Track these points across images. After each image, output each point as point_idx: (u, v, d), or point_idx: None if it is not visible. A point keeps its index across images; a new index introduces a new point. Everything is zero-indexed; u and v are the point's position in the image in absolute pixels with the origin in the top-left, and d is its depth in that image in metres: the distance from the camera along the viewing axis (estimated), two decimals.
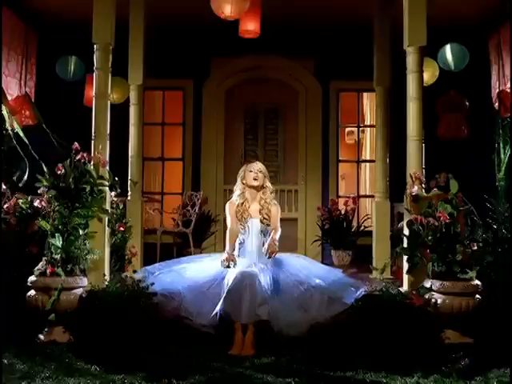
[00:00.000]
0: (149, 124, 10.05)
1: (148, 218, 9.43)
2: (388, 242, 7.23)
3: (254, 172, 5.86)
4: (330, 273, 5.92)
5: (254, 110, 10.34)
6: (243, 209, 5.86)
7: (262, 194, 5.91)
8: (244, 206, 5.87)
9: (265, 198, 5.89)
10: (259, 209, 5.86)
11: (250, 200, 5.91)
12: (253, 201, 5.91)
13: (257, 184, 5.87)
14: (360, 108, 10.50)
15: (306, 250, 9.87)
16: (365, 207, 10.43)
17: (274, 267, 5.71)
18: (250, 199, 5.91)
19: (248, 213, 5.86)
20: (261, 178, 5.88)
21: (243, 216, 5.85)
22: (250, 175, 5.87)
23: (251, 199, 5.91)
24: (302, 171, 10.21)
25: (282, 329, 5.24)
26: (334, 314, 5.41)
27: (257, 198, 5.90)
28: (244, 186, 5.92)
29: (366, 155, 10.57)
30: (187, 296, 5.49)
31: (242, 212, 5.85)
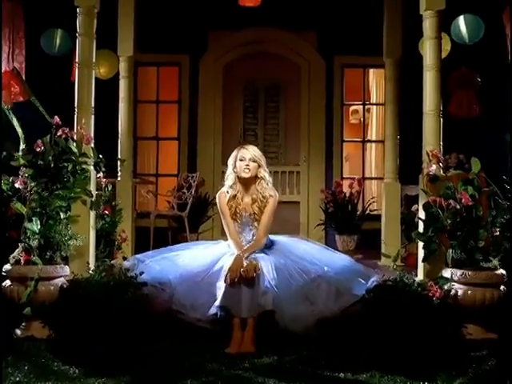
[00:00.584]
0: (142, 102, 9.80)
1: (142, 201, 8.95)
2: (398, 226, 6.76)
3: (245, 161, 5.06)
4: (337, 260, 5.37)
5: (253, 86, 9.86)
6: (236, 203, 5.15)
7: (256, 185, 5.14)
8: (237, 200, 5.15)
9: (260, 192, 5.13)
10: (251, 203, 5.16)
11: (243, 192, 5.17)
12: (246, 193, 5.18)
13: (248, 176, 5.09)
14: (366, 85, 9.98)
15: (308, 234, 9.47)
16: (370, 190, 9.99)
17: (275, 254, 5.16)
18: (243, 191, 5.18)
19: (241, 207, 5.16)
20: (253, 168, 5.07)
21: (236, 212, 5.17)
22: (241, 165, 5.07)
23: (244, 191, 5.17)
24: (305, 151, 9.74)
25: (285, 324, 4.70)
26: (342, 306, 4.88)
27: (250, 190, 5.17)
28: (236, 175, 5.18)
29: (372, 135, 10.07)
30: (180, 286, 4.95)
31: (236, 207, 5.17)
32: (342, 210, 8.94)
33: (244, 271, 4.71)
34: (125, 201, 6.73)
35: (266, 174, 5.17)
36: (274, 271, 4.91)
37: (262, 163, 5.13)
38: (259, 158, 5.13)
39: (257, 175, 5.12)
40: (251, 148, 5.18)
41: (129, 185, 6.87)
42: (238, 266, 4.76)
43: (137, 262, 5.34)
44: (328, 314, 4.82)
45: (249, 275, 4.71)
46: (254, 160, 5.09)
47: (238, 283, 4.71)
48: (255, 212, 5.13)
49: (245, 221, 5.16)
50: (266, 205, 5.12)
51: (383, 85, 9.41)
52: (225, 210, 5.17)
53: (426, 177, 5.14)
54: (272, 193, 5.17)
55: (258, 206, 5.13)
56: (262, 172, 5.14)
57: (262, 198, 5.11)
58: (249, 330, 4.61)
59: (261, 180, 5.14)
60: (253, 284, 4.71)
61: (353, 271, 5.23)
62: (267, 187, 5.15)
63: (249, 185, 5.14)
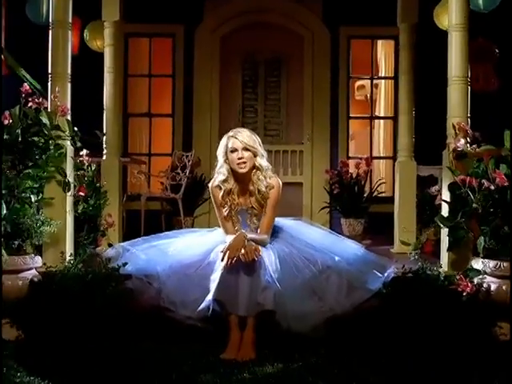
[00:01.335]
0: (134, 76, 9.22)
1: (135, 183, 8.32)
2: (414, 209, 6.15)
3: (238, 153, 4.32)
4: (348, 248, 4.71)
5: (253, 59, 9.16)
6: (231, 199, 4.45)
7: (254, 176, 4.41)
8: (232, 196, 4.45)
9: (257, 184, 4.41)
10: (248, 196, 4.46)
11: (239, 185, 4.45)
12: (242, 186, 4.46)
13: (245, 171, 4.35)
14: (374, 57, 9.29)
15: (311, 217, 8.73)
16: (378, 170, 9.34)
17: (277, 241, 4.52)
18: (239, 184, 4.45)
19: (237, 202, 4.45)
20: (249, 159, 4.33)
21: (231, 209, 4.46)
22: (234, 159, 4.33)
23: (240, 183, 4.45)
24: (308, 129, 9.09)
25: (290, 324, 4.06)
26: (356, 303, 4.22)
27: (247, 181, 4.44)
28: (228, 167, 4.42)
29: (380, 111, 9.39)
30: (169, 280, 4.29)
31: (231, 204, 4.45)
32: (349, 192, 8.31)
33: (244, 254, 4.07)
34: (111, 182, 6.09)
35: (263, 162, 4.42)
36: (277, 262, 4.27)
37: (257, 150, 4.38)
38: (252, 144, 4.36)
39: (254, 164, 4.41)
40: (240, 135, 4.37)
41: (115, 164, 6.21)
42: (239, 245, 4.11)
43: (122, 250, 4.70)
44: (339, 312, 4.17)
45: (249, 258, 4.06)
46: (248, 149, 4.35)
47: (235, 270, 4.08)
48: (254, 206, 4.45)
49: (242, 218, 4.49)
50: (266, 197, 4.43)
51: (393, 57, 9.01)
52: (219, 204, 4.49)
53: (452, 153, 4.48)
54: (273, 182, 4.45)
55: (257, 199, 4.44)
56: (258, 160, 4.39)
57: (260, 191, 4.41)
58: (248, 331, 3.96)
59: (257, 170, 4.41)
60: (252, 273, 4.07)
61: (367, 261, 4.57)
62: (265, 177, 4.43)
63: (245, 176, 4.42)
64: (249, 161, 4.34)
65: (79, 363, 3.62)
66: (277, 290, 4.07)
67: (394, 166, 8.87)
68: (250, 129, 4.54)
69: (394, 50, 9.01)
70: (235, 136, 4.37)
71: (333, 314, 4.16)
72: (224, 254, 4.11)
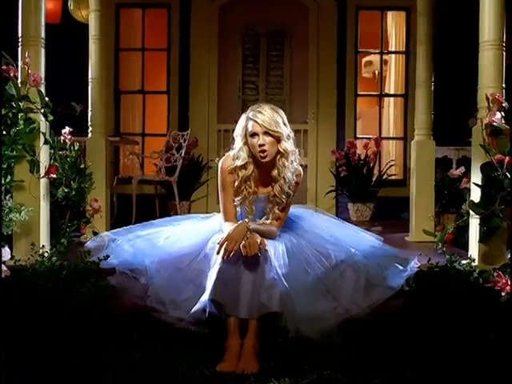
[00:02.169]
0: (126, 50, 8.65)
1: (129, 165, 7.75)
2: (433, 194, 5.60)
3: (259, 139, 3.64)
4: (364, 240, 4.12)
5: (254, 32, 8.55)
6: (248, 187, 3.79)
7: (279, 162, 3.72)
8: (248, 184, 3.78)
9: (285, 171, 3.73)
10: (270, 183, 3.80)
11: (259, 171, 3.79)
12: (264, 172, 3.79)
13: (267, 160, 3.68)
14: (384, 31, 8.67)
15: (316, 202, 8.33)
16: (388, 151, 8.77)
17: (285, 231, 3.91)
18: (259, 169, 3.78)
19: (254, 191, 3.80)
20: (271, 146, 3.64)
21: (246, 198, 3.80)
22: (254, 145, 3.67)
23: (261, 169, 3.78)
24: (313, 107, 8.51)
25: (299, 327, 3.46)
26: (375, 303, 3.63)
27: (270, 166, 3.75)
28: (248, 149, 3.74)
29: (390, 88, 8.77)
30: (158, 275, 3.70)
31: (246, 192, 3.79)
32: (356, 175, 7.80)
33: (245, 247, 3.46)
34: (97, 163, 5.51)
35: (289, 146, 3.72)
36: (284, 255, 3.68)
37: (281, 134, 3.69)
38: (275, 127, 3.66)
39: (278, 150, 3.73)
40: (261, 116, 3.66)
41: (101, 143, 5.61)
42: (239, 236, 3.50)
43: (104, 241, 4.11)
44: (356, 314, 3.58)
45: (251, 252, 3.45)
46: (270, 133, 3.68)
47: (235, 265, 3.48)
48: (277, 194, 3.79)
49: (258, 207, 3.85)
50: (292, 185, 3.80)
51: (404, 30, 8.45)
52: (226, 186, 3.82)
53: (485, 129, 3.88)
54: (299, 169, 3.85)
55: (282, 188, 3.77)
56: (282, 145, 3.70)
57: (287, 179, 3.76)
58: (250, 337, 3.35)
59: (282, 155, 3.73)
60: (255, 268, 3.47)
61: (386, 255, 3.99)
62: (293, 161, 3.77)
63: (267, 161, 3.74)
64: (271, 147, 3.67)
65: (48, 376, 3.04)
66: (284, 289, 3.47)
67: (405, 147, 8.49)
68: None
69: (405, 22, 8.45)
70: (255, 118, 3.68)
71: (349, 316, 3.57)
72: (220, 246, 3.50)
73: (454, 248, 4.37)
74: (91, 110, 5.65)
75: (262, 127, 3.64)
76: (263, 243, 3.51)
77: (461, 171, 5.23)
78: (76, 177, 5.16)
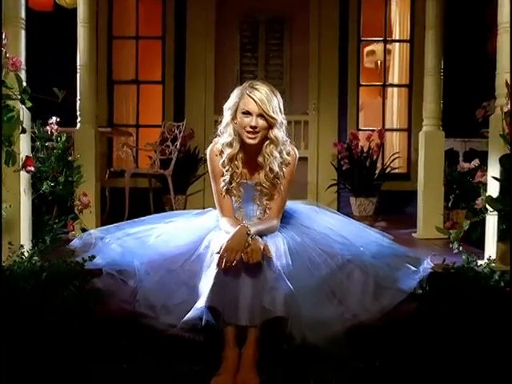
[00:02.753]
0: (119, 38, 8.33)
1: (125, 158, 7.44)
2: (442, 188, 5.30)
3: (251, 119, 3.34)
4: (372, 238, 3.80)
5: (253, 19, 8.26)
6: (234, 167, 3.51)
7: (267, 149, 3.43)
8: (235, 163, 3.50)
9: (271, 161, 3.43)
10: (257, 169, 3.53)
11: (246, 152, 3.49)
12: (249, 155, 3.50)
13: (253, 143, 3.40)
14: (387, 18, 8.34)
15: (317, 196, 8.09)
16: (391, 144, 8.45)
17: (287, 229, 3.59)
18: (246, 150, 3.49)
19: (241, 173, 3.53)
20: (262, 128, 3.35)
21: (233, 179, 3.52)
22: (244, 122, 3.36)
23: (248, 150, 3.48)
24: (314, 98, 8.20)
25: (303, 334, 3.13)
26: (386, 307, 3.31)
27: (256, 149, 3.46)
28: (235, 128, 3.45)
29: (394, 78, 8.45)
30: (148, 277, 3.38)
31: (232, 174, 3.51)
32: (359, 168, 7.61)
33: (247, 253, 3.14)
34: (86, 155, 5.20)
35: (280, 134, 3.42)
36: (287, 254, 3.36)
37: (275, 120, 3.38)
38: (272, 111, 3.35)
39: (266, 135, 3.43)
40: (259, 94, 3.34)
41: (91, 134, 5.29)
42: (240, 244, 3.16)
43: (93, 239, 3.80)
44: (364, 319, 3.26)
45: (253, 259, 3.14)
46: (264, 117, 3.36)
47: (235, 271, 3.16)
48: (263, 184, 3.51)
49: (246, 194, 3.56)
50: (278, 177, 3.49)
51: (408, 17, 8.12)
52: (218, 173, 3.53)
53: (506, 117, 3.57)
54: (289, 157, 3.53)
55: (268, 177, 3.48)
56: (273, 132, 3.39)
57: (273, 170, 3.46)
58: (249, 347, 3.04)
59: (270, 143, 3.43)
60: (256, 269, 3.16)
61: (396, 254, 3.67)
62: (281, 152, 3.48)
63: (253, 145, 3.44)
64: (261, 131, 3.39)
65: None
66: (288, 291, 3.16)
67: (409, 139, 8.18)
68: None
69: (410, 8, 8.15)
70: (252, 95, 3.36)
71: (357, 321, 3.25)
72: (220, 259, 3.15)
73: (468, 246, 4.08)
74: (80, 98, 5.33)
75: (259, 108, 3.35)
76: (267, 249, 3.19)
77: (475, 164, 4.92)
78: (63, 170, 4.88)
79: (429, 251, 3.93)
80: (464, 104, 6.96)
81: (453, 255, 3.79)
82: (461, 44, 7.38)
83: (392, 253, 3.66)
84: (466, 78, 7.31)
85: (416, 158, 7.83)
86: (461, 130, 6.64)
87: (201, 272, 3.31)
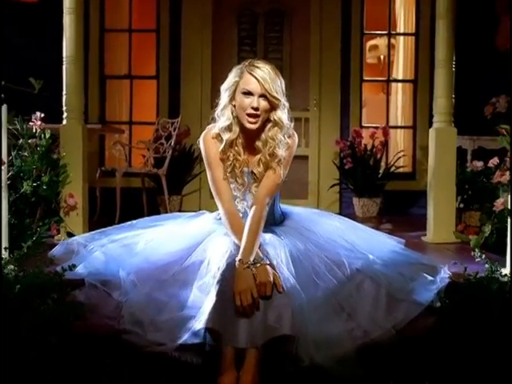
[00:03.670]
0: (111, 31, 7.97)
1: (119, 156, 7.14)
2: (454, 188, 4.98)
3: (253, 100, 3.06)
4: (383, 244, 3.47)
5: (251, 11, 7.94)
6: (235, 153, 3.19)
7: (269, 133, 3.14)
8: (236, 149, 3.19)
9: (275, 145, 3.13)
10: (254, 156, 3.22)
11: (246, 136, 3.20)
12: (248, 139, 3.21)
13: (254, 127, 3.11)
14: (392, 10, 8.01)
15: (318, 197, 7.80)
16: (395, 141, 8.12)
17: (289, 234, 3.27)
18: (246, 134, 3.19)
19: (242, 159, 3.21)
20: (264, 111, 3.07)
21: (235, 168, 3.21)
22: (244, 103, 3.08)
23: (246, 136, 3.20)
24: (315, 94, 7.88)
25: (309, 353, 2.79)
26: (400, 323, 3.00)
27: (255, 135, 3.18)
28: (233, 108, 3.17)
29: (398, 74, 8.13)
30: (135, 289, 3.06)
31: (234, 160, 3.20)
32: (362, 167, 7.34)
33: (259, 290, 2.84)
34: (73, 153, 4.88)
35: (284, 116, 3.14)
36: (289, 264, 3.03)
37: (279, 101, 3.10)
38: (276, 92, 3.07)
39: (268, 118, 3.13)
40: (261, 72, 3.07)
41: (78, 131, 4.95)
42: (249, 283, 2.84)
43: (76, 246, 3.47)
44: (377, 336, 2.94)
45: (262, 292, 2.83)
46: (267, 98, 3.06)
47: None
48: (255, 171, 3.19)
49: (246, 182, 3.24)
50: (281, 162, 3.17)
51: (413, 9, 7.83)
52: (214, 160, 3.19)
53: None
54: (290, 140, 3.20)
55: (263, 162, 3.17)
56: (277, 114, 3.11)
57: (272, 154, 3.15)
58: (248, 370, 2.70)
59: (274, 126, 3.14)
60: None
61: (410, 262, 3.34)
62: (283, 137, 3.16)
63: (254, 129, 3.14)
64: (263, 114, 3.10)
65: None
66: (295, 306, 2.84)
67: (414, 137, 7.86)
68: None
69: (414, 1, 7.84)
70: (253, 73, 3.09)
71: (368, 339, 2.94)
72: (239, 308, 2.81)
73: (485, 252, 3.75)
74: (66, 93, 4.99)
75: (261, 87, 3.06)
76: (277, 282, 2.88)
77: (493, 162, 4.61)
78: (47, 169, 4.58)
79: (444, 258, 3.61)
80: (472, 100, 6.70)
81: (469, 261, 3.45)
82: (468, 36, 7.07)
83: (406, 260, 3.35)
84: (473, 72, 7.02)
85: (422, 156, 7.64)
86: (469, 126, 6.34)
87: (194, 282, 2.99)
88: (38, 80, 3.53)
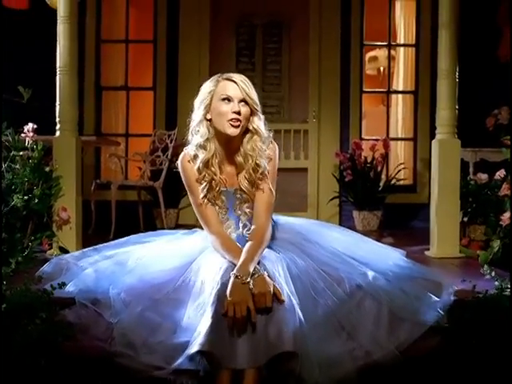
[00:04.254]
0: (108, 41, 7.87)
1: (115, 169, 7.05)
2: (458, 201, 4.87)
3: (233, 105, 2.94)
4: (385, 258, 3.33)
5: (249, 22, 7.86)
6: (211, 173, 3.03)
7: (249, 145, 3.02)
8: (212, 168, 3.03)
9: (251, 155, 3.00)
10: (236, 172, 3.10)
11: (223, 153, 3.07)
12: (228, 154, 3.08)
13: (237, 133, 2.96)
14: (391, 21, 7.93)
15: (318, 210, 7.68)
16: (396, 154, 8.02)
17: (287, 248, 3.12)
18: (223, 151, 3.07)
19: (220, 179, 3.06)
20: (245, 116, 2.96)
21: (212, 188, 3.04)
22: (223, 110, 2.94)
23: (225, 151, 3.07)
24: (314, 105, 7.76)
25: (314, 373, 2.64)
26: (404, 343, 2.86)
27: (234, 148, 3.06)
28: (209, 124, 3.02)
29: (399, 85, 8.04)
30: (127, 308, 2.91)
31: (211, 180, 3.03)
32: (363, 179, 7.23)
33: (255, 298, 2.69)
34: (66, 166, 4.74)
35: (262, 124, 3.03)
36: (288, 279, 2.89)
37: (258, 107, 3.01)
38: (254, 96, 3.00)
39: (247, 127, 3.01)
40: (240, 78, 3.00)
41: (71, 143, 4.82)
42: (243, 294, 2.70)
43: (66, 263, 3.34)
44: (379, 357, 2.80)
45: (262, 304, 2.68)
46: (247, 102, 2.96)
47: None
48: (243, 188, 3.05)
49: (228, 202, 3.10)
50: (265, 174, 3.03)
51: (414, 21, 7.77)
52: (194, 183, 3.07)
53: None
54: (271, 151, 3.06)
55: (248, 178, 3.04)
56: (255, 122, 3.00)
57: (256, 166, 3.01)
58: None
59: (253, 135, 3.02)
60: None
61: (414, 277, 3.20)
62: (263, 146, 3.02)
63: (232, 141, 3.03)
64: (244, 120, 2.97)
65: None
66: (297, 322, 2.69)
67: (414, 149, 7.75)
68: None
69: (415, 11, 7.76)
70: (231, 78, 3.00)
71: (370, 359, 2.80)
72: (229, 318, 2.67)
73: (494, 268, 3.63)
74: (59, 103, 4.86)
75: (241, 91, 2.95)
76: (277, 292, 2.73)
77: (500, 175, 4.49)
78: (39, 181, 4.45)
79: (449, 273, 3.48)
80: (473, 111, 6.57)
81: (475, 277, 3.33)
82: (469, 47, 6.96)
83: (410, 274, 3.21)
84: (475, 83, 6.92)
85: (423, 168, 7.53)
86: (471, 138, 6.23)
87: (188, 302, 2.85)
88: (26, 89, 3.39)
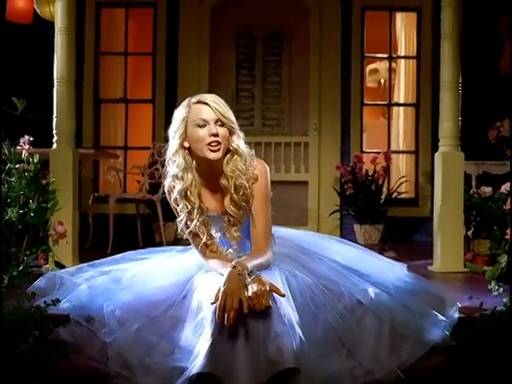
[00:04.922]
0: (107, 53, 7.87)
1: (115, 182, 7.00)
2: (461, 215, 4.82)
3: (210, 127, 2.82)
4: (387, 272, 3.23)
5: (249, 34, 7.82)
6: (189, 204, 2.92)
7: (229, 166, 2.90)
8: (190, 200, 2.92)
9: (237, 177, 2.88)
10: (219, 197, 2.98)
11: (203, 180, 2.96)
12: (209, 181, 2.97)
13: (219, 156, 2.84)
14: (392, 34, 7.90)
15: (318, 223, 7.61)
16: (397, 167, 7.98)
17: (285, 262, 3.01)
18: (203, 178, 2.96)
19: (202, 210, 2.94)
20: (224, 138, 2.84)
21: (192, 219, 2.95)
22: (201, 135, 2.81)
23: (205, 177, 2.96)
24: (314, 118, 7.73)
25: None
26: (406, 362, 2.76)
27: (215, 172, 2.93)
28: (187, 153, 2.90)
29: (400, 97, 8.00)
30: (123, 326, 2.81)
31: (189, 212, 2.94)
32: (364, 193, 7.20)
33: (252, 299, 2.56)
34: (63, 179, 4.68)
35: (241, 143, 2.92)
36: (287, 291, 2.78)
37: (234, 126, 2.89)
38: (230, 115, 2.87)
39: (229, 148, 2.90)
40: (210, 98, 2.88)
41: (68, 156, 4.75)
42: (237, 285, 2.60)
43: (60, 279, 3.25)
44: (380, 376, 2.71)
45: (261, 304, 2.55)
46: (223, 123, 2.84)
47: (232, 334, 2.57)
48: (229, 211, 2.93)
49: (217, 226, 3.00)
50: (248, 196, 2.92)
51: (414, 33, 7.76)
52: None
53: None
54: (256, 171, 2.94)
55: (234, 200, 2.92)
56: (234, 141, 2.89)
57: (237, 187, 2.90)
58: None
59: (233, 156, 2.91)
60: (256, 322, 2.57)
61: (417, 293, 3.11)
62: (246, 166, 2.92)
63: (215, 165, 2.90)
64: (223, 142, 2.85)
65: None
66: (296, 333, 2.58)
67: (416, 162, 7.69)
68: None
69: (416, 24, 7.73)
70: (202, 101, 2.87)
71: (371, 379, 2.70)
72: (220, 310, 2.56)
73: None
74: (57, 115, 4.80)
75: (216, 112, 2.83)
76: (275, 289, 2.63)
77: (506, 188, 4.42)
78: (35, 195, 4.38)
79: (453, 288, 3.39)
80: (475, 123, 6.50)
81: (480, 293, 3.24)
82: (471, 59, 6.91)
83: (412, 290, 3.11)
84: (477, 95, 6.85)
85: (424, 182, 7.47)
86: (473, 151, 6.17)
87: (185, 320, 2.76)
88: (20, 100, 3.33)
